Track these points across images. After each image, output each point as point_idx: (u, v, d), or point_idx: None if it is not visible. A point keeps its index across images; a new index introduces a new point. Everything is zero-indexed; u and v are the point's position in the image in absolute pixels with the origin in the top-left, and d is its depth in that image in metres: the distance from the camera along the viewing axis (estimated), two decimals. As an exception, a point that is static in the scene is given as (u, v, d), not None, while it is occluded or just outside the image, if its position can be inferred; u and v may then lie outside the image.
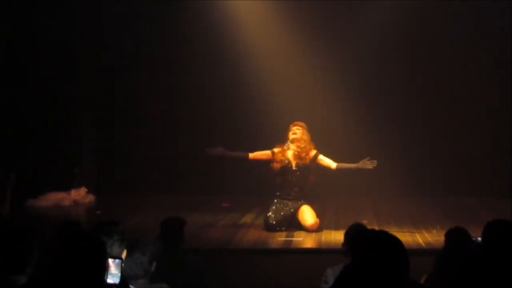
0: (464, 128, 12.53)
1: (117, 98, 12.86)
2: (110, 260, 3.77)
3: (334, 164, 9.42)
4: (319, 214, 9.58)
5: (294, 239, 8.94)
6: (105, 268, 3.55)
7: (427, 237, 8.90)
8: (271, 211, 9.41)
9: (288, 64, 12.44)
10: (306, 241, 8.90)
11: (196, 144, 12.67)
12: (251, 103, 12.48)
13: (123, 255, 4.57)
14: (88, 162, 12.63)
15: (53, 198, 11.68)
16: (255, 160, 9.66)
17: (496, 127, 12.46)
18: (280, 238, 8.92)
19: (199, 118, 12.82)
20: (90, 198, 12.04)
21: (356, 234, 4.46)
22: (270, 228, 9.32)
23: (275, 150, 9.61)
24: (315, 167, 9.56)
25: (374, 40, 12.26)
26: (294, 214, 9.44)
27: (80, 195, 11.96)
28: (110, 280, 3.77)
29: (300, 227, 9.37)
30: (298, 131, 9.58)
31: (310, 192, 9.74)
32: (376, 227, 8.22)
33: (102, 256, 3.50)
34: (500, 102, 12.42)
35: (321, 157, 9.51)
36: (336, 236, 8.74)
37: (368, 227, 5.78)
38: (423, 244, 8.47)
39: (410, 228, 9.43)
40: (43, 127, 12.13)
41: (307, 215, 9.38)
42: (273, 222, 9.33)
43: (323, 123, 11.09)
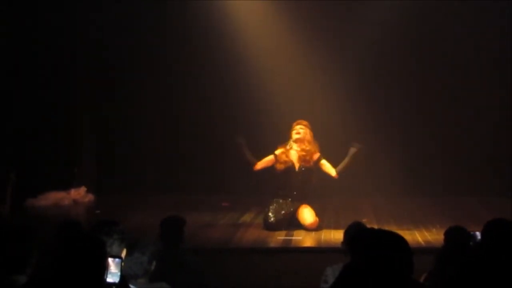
0: (464, 127, 12.53)
1: (117, 98, 12.85)
2: (110, 259, 3.77)
3: (334, 172, 9.41)
4: (318, 213, 9.59)
5: (293, 238, 8.95)
6: (105, 267, 3.55)
7: (427, 236, 8.91)
8: (271, 211, 9.41)
9: (288, 64, 12.43)
10: (306, 240, 8.90)
11: (196, 144, 12.74)
12: (251, 103, 12.47)
13: (123, 255, 4.57)
14: (88, 161, 12.63)
15: (52, 198, 11.68)
16: (260, 170, 9.63)
17: (496, 126, 12.45)
18: (280, 237, 8.92)
19: (199, 118, 12.81)
20: (90, 198, 12.04)
21: (355, 233, 4.46)
22: (270, 227, 9.32)
23: (277, 152, 9.57)
24: (317, 169, 9.55)
25: (374, 40, 12.25)
26: (293, 214, 9.45)
27: (79, 194, 11.96)
28: (110, 279, 3.77)
29: (299, 226, 9.37)
30: (301, 130, 9.55)
31: (310, 192, 9.74)
32: (376, 226, 8.21)
33: (102, 256, 3.50)
34: (500, 102, 12.41)
35: (323, 162, 9.48)
36: (335, 235, 8.74)
37: (368, 226, 5.78)
38: (423, 243, 8.47)
39: (409, 227, 9.43)
40: (43, 127, 12.12)
41: (307, 214, 9.39)
42: (273, 222, 9.33)
43: (322, 123, 11.07)
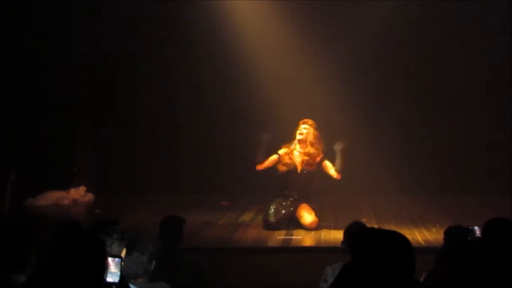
0: (463, 127, 12.54)
1: (116, 97, 12.85)
2: (110, 259, 3.77)
3: (335, 173, 9.38)
4: (318, 212, 9.59)
5: (293, 237, 8.95)
6: (104, 267, 3.55)
7: (427, 235, 8.91)
8: (272, 211, 9.40)
9: (287, 64, 12.44)
10: (305, 239, 8.90)
11: (196, 143, 12.74)
12: (251, 103, 12.47)
13: (123, 254, 4.57)
14: (87, 161, 12.63)
15: (52, 197, 11.68)
16: (263, 169, 9.60)
17: (495, 126, 12.46)
18: (279, 237, 8.93)
19: (198, 118, 12.81)
20: (89, 197, 12.04)
21: (355, 233, 4.45)
22: (270, 227, 9.32)
23: (281, 152, 9.53)
24: (320, 171, 9.53)
25: (374, 39, 12.27)
26: (293, 213, 9.44)
27: (79, 194, 11.96)
28: (109, 279, 3.77)
29: (299, 225, 9.37)
30: (305, 131, 9.47)
31: (312, 193, 9.71)
32: (376, 226, 8.22)
33: (102, 255, 3.49)
34: (499, 101, 12.42)
35: (326, 163, 9.43)
36: (335, 235, 8.75)
37: (368, 225, 5.78)
38: (423, 242, 8.48)
39: (409, 226, 9.44)
40: (42, 127, 12.12)
41: (306, 213, 9.39)
42: (273, 221, 9.33)
43: (322, 121, 11.05)
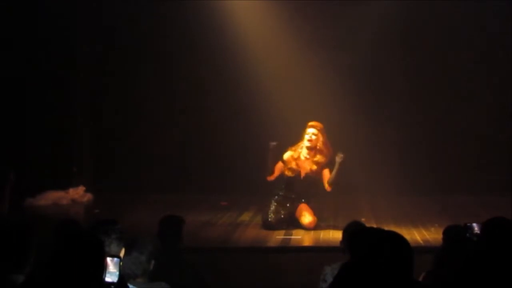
0: (462, 126, 12.53)
1: (116, 97, 12.84)
2: (108, 259, 3.76)
3: (327, 186, 9.34)
4: (317, 212, 9.59)
5: (292, 237, 8.95)
6: (103, 267, 3.55)
7: (425, 235, 8.91)
8: (271, 210, 9.40)
9: (287, 64, 12.43)
10: (305, 239, 8.91)
11: (195, 143, 12.74)
12: (251, 103, 12.46)
13: (122, 254, 4.57)
14: (86, 161, 12.63)
15: (51, 197, 11.68)
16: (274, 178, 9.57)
17: (494, 125, 12.46)
18: (278, 237, 8.93)
19: (198, 117, 12.81)
20: (88, 197, 12.04)
21: (354, 232, 4.45)
22: (270, 227, 9.32)
23: (286, 156, 9.46)
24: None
25: (374, 39, 12.26)
26: (293, 213, 9.45)
27: (78, 194, 11.95)
28: (108, 278, 3.77)
29: (299, 225, 9.37)
30: (314, 137, 9.42)
31: (313, 195, 9.70)
32: (374, 225, 8.23)
33: (100, 255, 3.49)
34: (498, 101, 12.42)
35: (325, 172, 9.40)
36: (334, 234, 8.75)
37: (367, 225, 5.79)
38: (421, 242, 8.48)
39: (408, 226, 9.44)
40: (41, 127, 12.12)
41: (305, 213, 9.40)
42: (273, 221, 9.33)
43: (321, 121, 11.04)
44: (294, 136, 9.85)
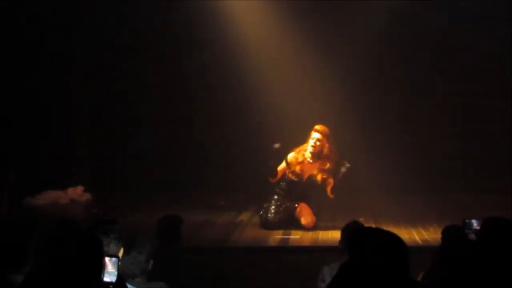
0: (461, 126, 12.54)
1: (115, 97, 12.83)
2: (107, 259, 3.77)
3: (330, 193, 9.40)
4: (316, 212, 9.58)
5: (291, 237, 8.95)
6: (101, 267, 3.55)
7: (424, 234, 8.91)
8: (271, 210, 9.40)
9: (286, 64, 12.42)
10: (303, 239, 8.90)
11: (194, 143, 12.74)
12: (251, 102, 12.46)
13: (120, 254, 4.57)
14: (85, 160, 12.62)
15: (50, 197, 11.67)
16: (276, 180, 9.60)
17: (493, 125, 12.46)
18: (277, 236, 8.93)
19: (197, 117, 12.81)
20: (87, 197, 12.03)
21: (353, 232, 4.45)
22: (269, 226, 9.32)
23: (290, 158, 9.45)
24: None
25: (376, 39, 12.26)
26: (292, 213, 9.44)
27: (77, 193, 11.95)
28: (106, 278, 3.77)
29: (298, 225, 9.37)
30: (318, 142, 9.40)
31: (313, 197, 9.71)
32: (373, 225, 8.21)
33: (99, 255, 3.49)
34: (497, 101, 12.42)
35: (330, 180, 9.41)
36: (333, 234, 8.74)
37: (365, 225, 5.78)
38: (420, 242, 8.47)
39: (407, 225, 9.44)
40: (40, 127, 12.13)
41: (305, 213, 9.39)
42: (272, 221, 9.33)
43: (321, 121, 11.04)
44: (294, 136, 9.86)
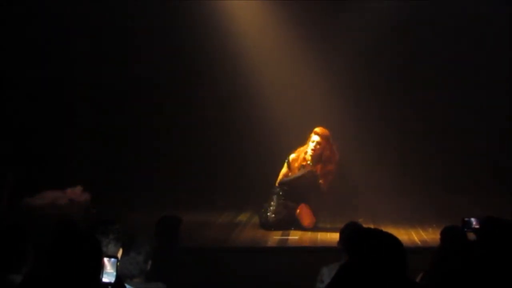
0: (460, 127, 12.53)
1: (114, 97, 12.83)
2: (106, 259, 3.77)
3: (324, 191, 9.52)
4: (315, 212, 9.59)
5: (289, 237, 8.95)
6: (100, 267, 3.55)
7: (423, 235, 8.92)
8: (271, 210, 9.41)
9: (285, 65, 12.42)
10: (302, 239, 8.90)
11: (194, 143, 12.74)
12: (251, 103, 12.46)
13: (119, 254, 4.57)
14: (84, 160, 12.61)
15: (49, 197, 11.64)
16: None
17: (492, 125, 12.46)
18: (276, 237, 8.93)
19: (196, 117, 12.81)
20: (86, 197, 12.01)
21: (352, 233, 4.46)
22: (269, 226, 9.33)
23: (292, 158, 9.52)
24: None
25: (375, 41, 12.26)
26: (292, 213, 9.45)
27: (76, 193, 11.93)
28: (105, 279, 3.78)
29: (297, 225, 9.38)
30: (318, 146, 9.45)
31: (312, 197, 9.73)
32: (372, 226, 8.22)
33: (98, 255, 3.50)
34: (497, 102, 12.42)
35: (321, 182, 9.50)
36: (332, 235, 8.74)
37: (364, 225, 5.79)
38: (419, 243, 8.48)
39: (406, 226, 9.44)
40: (40, 127, 12.14)
41: (304, 213, 9.41)
42: (272, 221, 9.34)
43: (319, 123, 11.05)
44: (293, 137, 9.87)
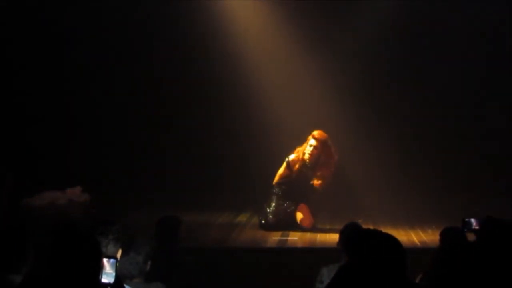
0: (460, 127, 12.53)
1: (114, 97, 12.82)
2: (105, 260, 3.78)
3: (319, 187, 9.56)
4: (315, 213, 9.59)
5: (289, 238, 8.95)
6: (99, 268, 3.55)
7: (423, 236, 8.91)
8: (270, 211, 9.41)
9: (285, 65, 12.41)
10: (302, 240, 8.90)
11: (193, 143, 12.73)
12: (251, 103, 12.45)
13: (119, 255, 4.57)
14: (84, 160, 12.61)
15: (48, 197, 11.63)
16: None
17: (492, 126, 12.46)
18: (275, 237, 8.93)
19: (196, 118, 12.81)
20: (86, 197, 12.00)
21: (351, 234, 4.46)
22: (269, 227, 9.33)
23: (291, 159, 9.54)
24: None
25: (374, 41, 12.26)
26: (291, 213, 9.45)
27: (75, 194, 11.92)
28: (104, 279, 3.78)
29: (296, 226, 9.38)
30: (315, 150, 9.46)
31: (311, 196, 9.73)
32: (371, 227, 8.20)
33: (97, 256, 3.50)
34: (497, 102, 12.42)
35: (315, 186, 9.55)
36: (331, 236, 8.74)
37: (363, 226, 5.79)
38: (418, 244, 8.48)
39: (405, 227, 9.44)
40: (39, 127, 12.14)
41: (304, 214, 9.41)
42: (271, 222, 9.34)
43: (318, 125, 11.05)
44: (293, 137, 9.87)
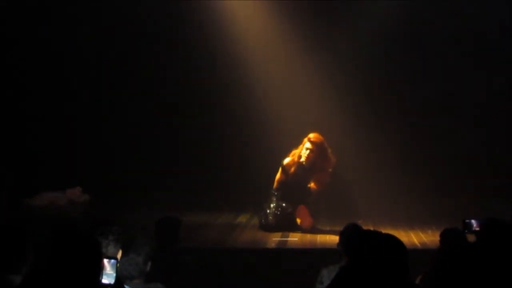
0: (459, 128, 12.53)
1: (114, 97, 12.82)
2: (105, 260, 3.77)
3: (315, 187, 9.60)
4: (314, 213, 9.59)
5: (289, 239, 8.95)
6: (100, 268, 3.55)
7: (422, 237, 8.92)
8: (271, 213, 9.41)
9: (284, 66, 12.41)
10: (302, 241, 8.90)
11: (193, 143, 12.73)
12: (250, 104, 12.45)
13: (119, 255, 4.57)
14: (84, 161, 12.61)
15: (48, 198, 11.65)
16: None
17: (492, 127, 12.46)
18: (275, 238, 8.93)
19: (196, 118, 12.81)
20: (85, 197, 12.01)
21: (352, 235, 4.46)
22: (269, 228, 9.32)
23: (286, 162, 9.57)
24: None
25: (374, 41, 12.25)
26: (291, 214, 9.45)
27: (75, 194, 11.93)
28: (105, 280, 3.78)
29: (296, 226, 9.38)
30: (311, 154, 9.47)
31: (310, 197, 9.73)
32: (371, 228, 8.22)
33: (97, 256, 3.49)
34: (496, 103, 12.42)
35: (312, 190, 9.59)
36: (331, 236, 8.75)
37: (364, 227, 5.79)
38: (418, 245, 8.48)
39: (405, 228, 9.44)
40: (39, 127, 12.13)
41: (303, 215, 9.42)
42: (271, 223, 9.34)
43: (317, 125, 11.06)
44: (293, 137, 9.87)
